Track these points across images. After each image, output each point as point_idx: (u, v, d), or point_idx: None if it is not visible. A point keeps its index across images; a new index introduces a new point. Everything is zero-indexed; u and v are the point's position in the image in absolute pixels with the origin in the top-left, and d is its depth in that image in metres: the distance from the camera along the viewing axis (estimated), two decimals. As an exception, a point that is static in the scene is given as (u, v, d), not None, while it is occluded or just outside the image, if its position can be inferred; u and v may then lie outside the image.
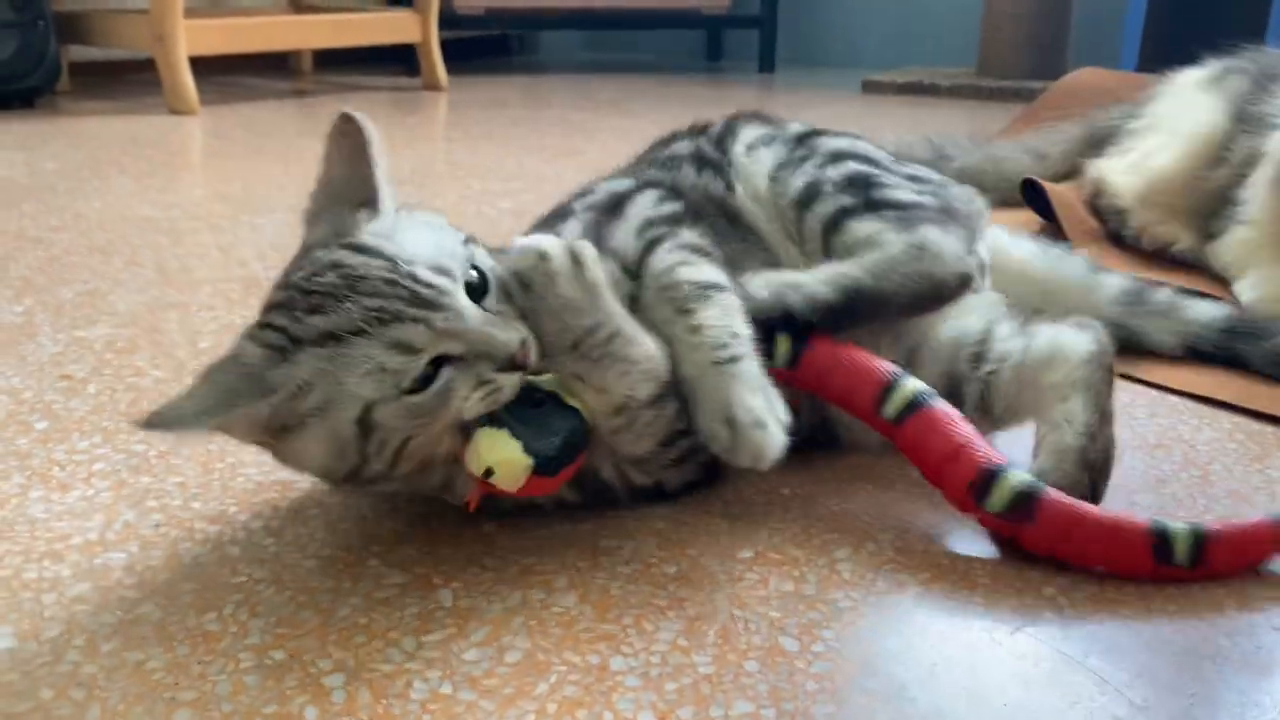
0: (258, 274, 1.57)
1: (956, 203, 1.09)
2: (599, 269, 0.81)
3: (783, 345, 0.91)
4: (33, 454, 1.00)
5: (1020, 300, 1.08)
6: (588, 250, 0.81)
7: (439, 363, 0.75)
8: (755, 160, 1.08)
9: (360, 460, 0.77)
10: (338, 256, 0.77)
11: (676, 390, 0.85)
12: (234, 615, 0.76)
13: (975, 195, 1.14)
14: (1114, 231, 1.70)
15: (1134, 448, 1.04)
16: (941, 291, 0.97)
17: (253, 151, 2.57)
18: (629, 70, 4.57)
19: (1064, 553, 0.82)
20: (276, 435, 0.77)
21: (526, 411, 0.79)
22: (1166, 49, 2.52)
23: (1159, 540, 0.80)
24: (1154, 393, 1.17)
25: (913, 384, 0.89)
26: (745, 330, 0.87)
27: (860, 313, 0.94)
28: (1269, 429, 1.08)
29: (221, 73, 3.95)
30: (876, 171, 1.07)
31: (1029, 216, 1.75)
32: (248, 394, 0.74)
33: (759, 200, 1.06)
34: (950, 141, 2.03)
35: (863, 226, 1.00)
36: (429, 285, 0.76)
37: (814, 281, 0.93)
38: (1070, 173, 1.93)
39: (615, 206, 0.98)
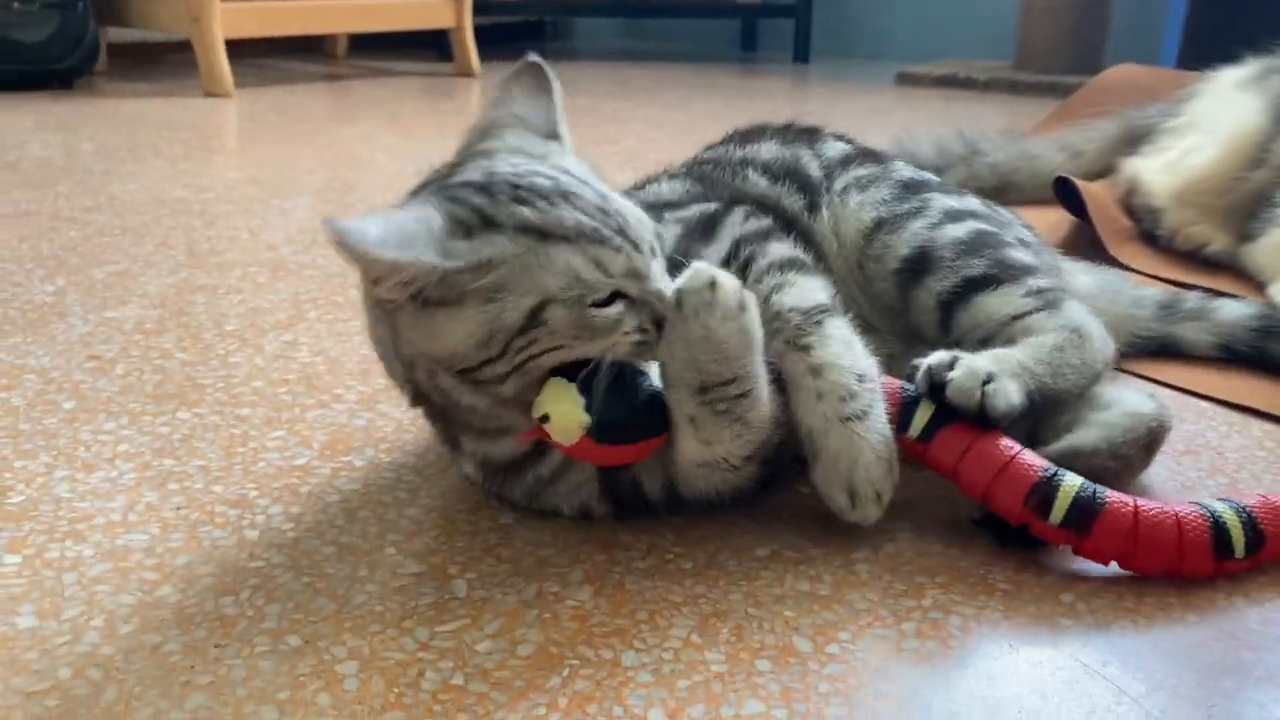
0: (285, 257, 1.58)
1: (1056, 265, 1.08)
2: (757, 320, 0.78)
3: (921, 417, 0.84)
4: (59, 434, 1.01)
5: None
6: (753, 300, 0.78)
7: (613, 296, 0.77)
8: (848, 203, 1.03)
9: (499, 353, 0.76)
10: (548, 170, 0.79)
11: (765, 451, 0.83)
12: (251, 600, 0.77)
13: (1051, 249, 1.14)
14: (1147, 231, 1.68)
15: (1160, 453, 1.02)
16: (1097, 380, 0.94)
17: (285, 135, 2.59)
18: (663, 59, 4.56)
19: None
20: (421, 304, 0.76)
21: (615, 384, 0.77)
22: (1208, 46, 2.47)
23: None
24: (1184, 398, 1.16)
25: (1071, 480, 0.80)
26: (869, 365, 0.84)
27: (1034, 411, 0.89)
28: (1300, 437, 1.07)
29: (257, 56, 3.97)
30: (996, 231, 1.01)
31: (1061, 215, 1.73)
32: (427, 246, 0.73)
33: (842, 239, 1.02)
34: (983, 136, 2.01)
35: (1000, 302, 0.95)
36: (636, 231, 0.78)
37: (1004, 373, 0.86)
38: (1105, 170, 1.90)
39: (707, 228, 0.95)
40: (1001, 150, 1.98)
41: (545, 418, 0.77)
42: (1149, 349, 1.23)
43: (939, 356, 0.86)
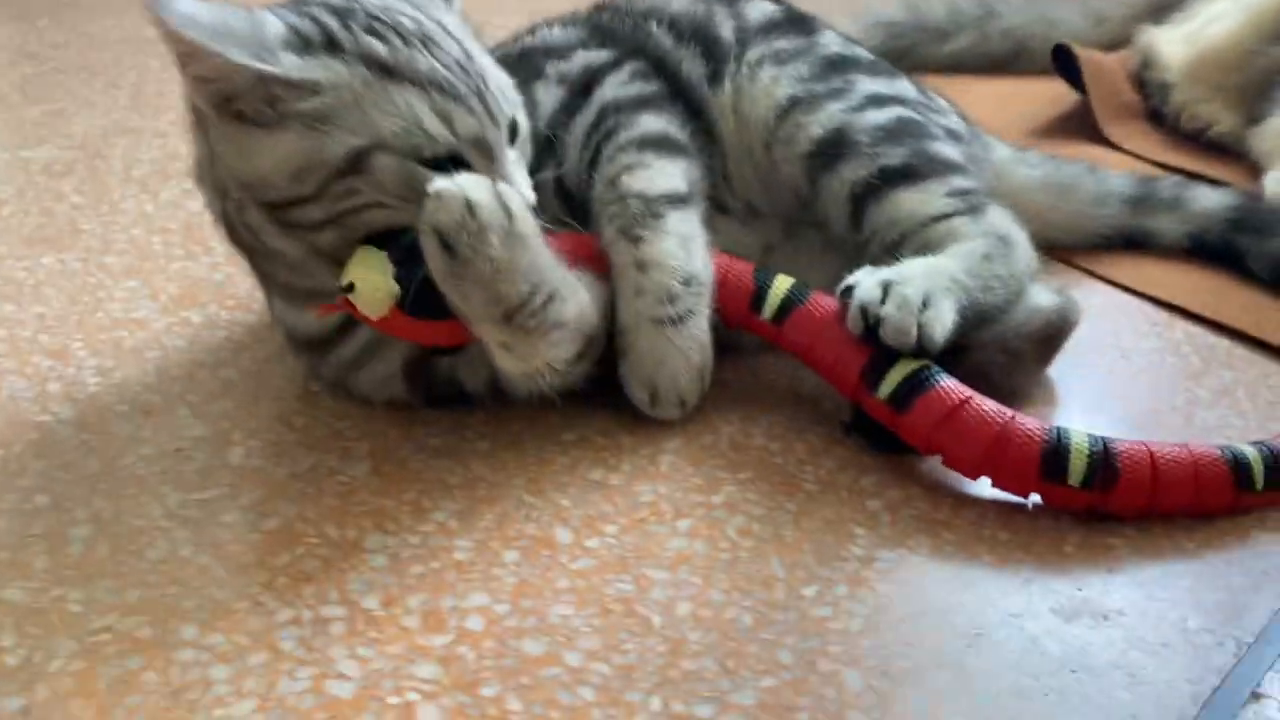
0: (226, 103, 1.53)
1: (986, 162, 0.99)
2: (529, 217, 0.71)
3: (775, 297, 0.79)
4: (-84, 274, 1.00)
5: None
6: (513, 194, 0.70)
7: (450, 162, 0.70)
8: (759, 77, 0.92)
9: (313, 193, 0.70)
10: (416, 13, 0.74)
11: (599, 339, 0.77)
12: (20, 455, 0.75)
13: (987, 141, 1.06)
14: (1155, 108, 1.53)
15: (1063, 350, 0.94)
16: (1021, 295, 0.85)
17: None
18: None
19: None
20: (234, 118, 0.70)
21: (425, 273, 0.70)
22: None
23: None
24: (1120, 295, 1.05)
25: (910, 361, 0.75)
26: (702, 268, 0.78)
27: (963, 332, 0.79)
28: (1224, 342, 0.96)
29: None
30: (922, 120, 0.92)
31: (1062, 89, 1.59)
32: (242, 45, 0.67)
33: (743, 116, 0.92)
34: (1000, -1, 1.85)
35: (919, 200, 0.86)
36: (495, 102, 0.73)
37: (938, 291, 0.78)
38: (1130, 40, 1.74)
39: (586, 85, 0.87)
40: (1018, 13, 1.82)
41: (350, 286, 0.71)
42: (1113, 243, 1.13)
43: (869, 289, 0.76)
